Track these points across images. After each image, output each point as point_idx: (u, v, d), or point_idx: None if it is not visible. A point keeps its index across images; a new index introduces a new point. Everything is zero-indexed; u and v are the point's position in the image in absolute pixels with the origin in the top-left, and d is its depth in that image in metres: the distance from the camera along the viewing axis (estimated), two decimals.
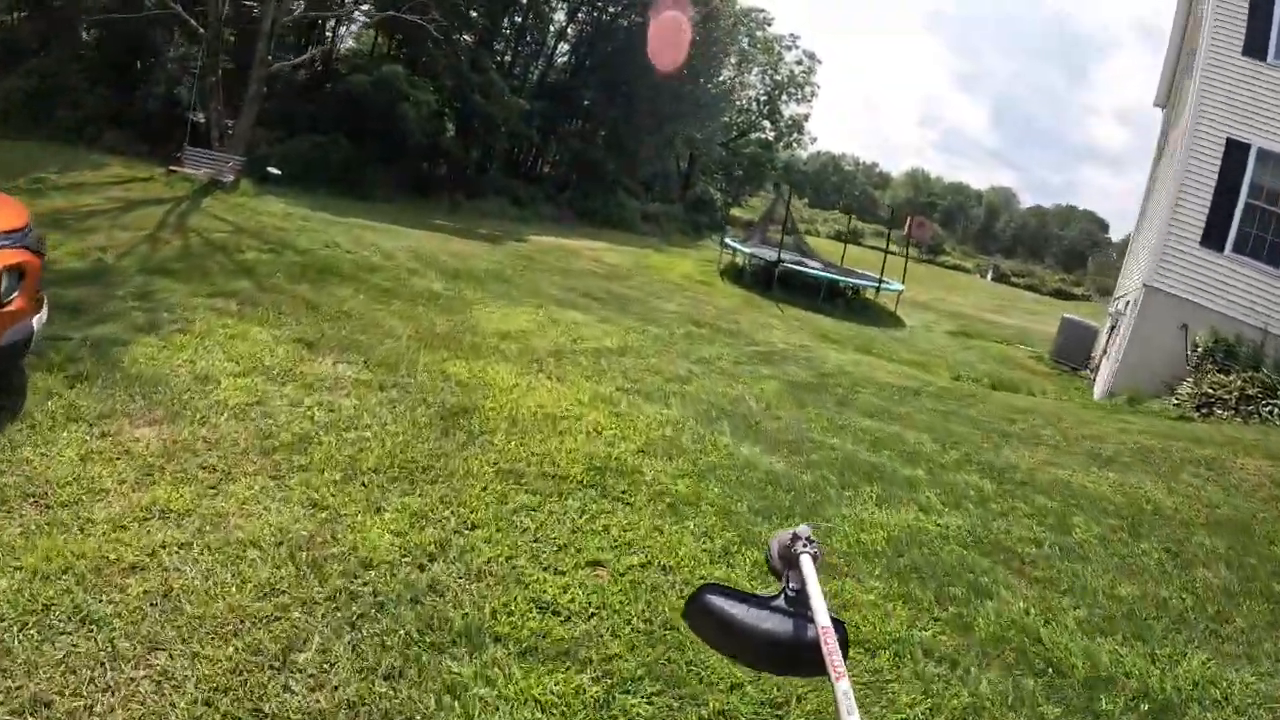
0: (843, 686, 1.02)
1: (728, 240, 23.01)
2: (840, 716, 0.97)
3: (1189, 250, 14.67)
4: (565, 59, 39.66)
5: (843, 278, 20.95)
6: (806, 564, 1.33)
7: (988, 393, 13.31)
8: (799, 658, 1.29)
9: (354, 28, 33.12)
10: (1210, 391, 12.57)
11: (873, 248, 59.77)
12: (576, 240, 24.21)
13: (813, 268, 20.64)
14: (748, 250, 21.23)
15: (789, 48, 53.02)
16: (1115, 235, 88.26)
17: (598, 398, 7.38)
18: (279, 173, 21.54)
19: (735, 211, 55.94)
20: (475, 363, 7.84)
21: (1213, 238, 14.54)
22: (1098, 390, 16.62)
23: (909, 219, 69.39)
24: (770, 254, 21.42)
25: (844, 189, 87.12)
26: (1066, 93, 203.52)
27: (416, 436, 5.61)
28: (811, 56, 53.64)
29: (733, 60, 49.01)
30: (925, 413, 9.89)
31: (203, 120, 22.33)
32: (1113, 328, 19.41)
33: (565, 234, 26.10)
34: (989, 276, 61.12)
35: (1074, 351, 21.23)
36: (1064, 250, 79.22)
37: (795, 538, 1.39)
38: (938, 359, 17.25)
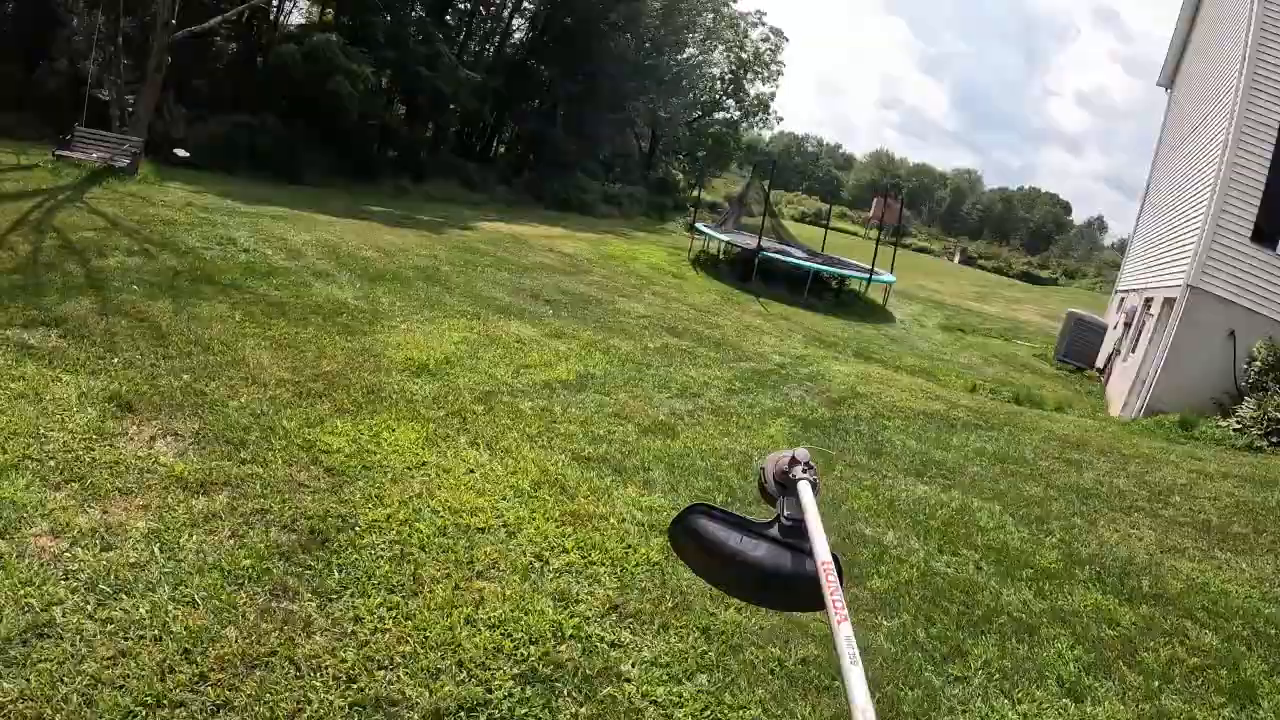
0: (844, 631, 0.85)
1: (700, 226, 20.46)
2: (841, 663, 0.81)
3: (1237, 247, 12.55)
4: (522, 34, 36.73)
5: (829, 268, 18.59)
6: (805, 491, 1.14)
7: (1017, 412, 11.15)
8: (794, 592, 1.13)
9: None
10: None
11: (836, 229, 57.94)
12: (531, 226, 21.56)
13: (796, 257, 18.28)
14: (723, 238, 18.76)
15: (755, 24, 50.45)
16: (1076, 218, 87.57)
17: (544, 480, 4.91)
18: (188, 155, 18.63)
19: (699, 194, 53.44)
20: (366, 422, 5.33)
21: (1265, 234, 12.49)
22: (1129, 404, 14.46)
23: (874, 200, 67.66)
24: (748, 241, 19.04)
25: (808, 170, 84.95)
26: (1026, 76, 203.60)
27: (224, 616, 3.09)
28: (778, 33, 51.02)
29: (698, 36, 46.31)
30: (974, 458, 7.66)
31: (108, 98, 19.27)
32: (1126, 325, 17.33)
33: (520, 219, 23.42)
34: (956, 259, 59.52)
35: (1080, 350, 19.16)
36: (1029, 232, 78.15)
37: (794, 461, 1.19)
38: (943, 364, 15.01)
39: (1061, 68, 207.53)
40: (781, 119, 53.41)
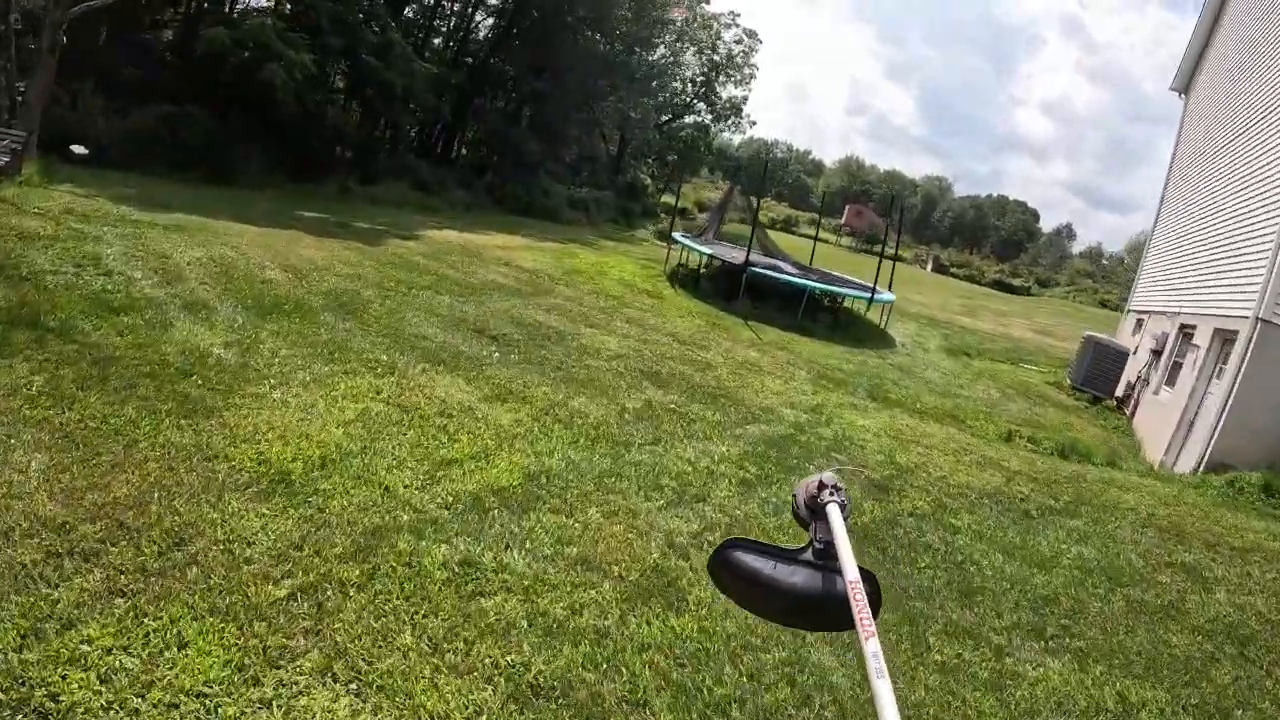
0: (871, 647, 0.91)
1: (678, 237, 17.98)
2: (870, 677, 0.86)
3: None
4: (488, 32, 34.05)
5: (827, 286, 16.27)
6: (834, 514, 1.19)
7: (1077, 475, 8.93)
8: (828, 613, 1.16)
9: None
10: None
11: (807, 236, 55.98)
12: (488, 234, 18.98)
13: (788, 274, 15.94)
14: (705, 250, 16.34)
15: (728, 25, 48.20)
16: (1044, 225, 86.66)
17: None
18: (85, 152, 15.87)
19: (667, 199, 51.14)
20: (135, 630, 2.83)
21: None
22: (1172, 447, 12.29)
23: (847, 207, 65.93)
24: (733, 255, 16.69)
25: (777, 176, 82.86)
26: (993, 84, 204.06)
27: None
28: (752, 35, 48.82)
29: (669, 37, 43.95)
30: (1084, 580, 5.50)
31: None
32: (1155, 353, 15.22)
33: (476, 226, 20.83)
34: (929, 267, 57.85)
35: (1098, 377, 17.04)
36: (1000, 240, 76.89)
37: (821, 486, 1.24)
38: (964, 403, 12.76)
39: (1028, 76, 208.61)
40: (755, 123, 50.86)
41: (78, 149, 15.90)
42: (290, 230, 13.58)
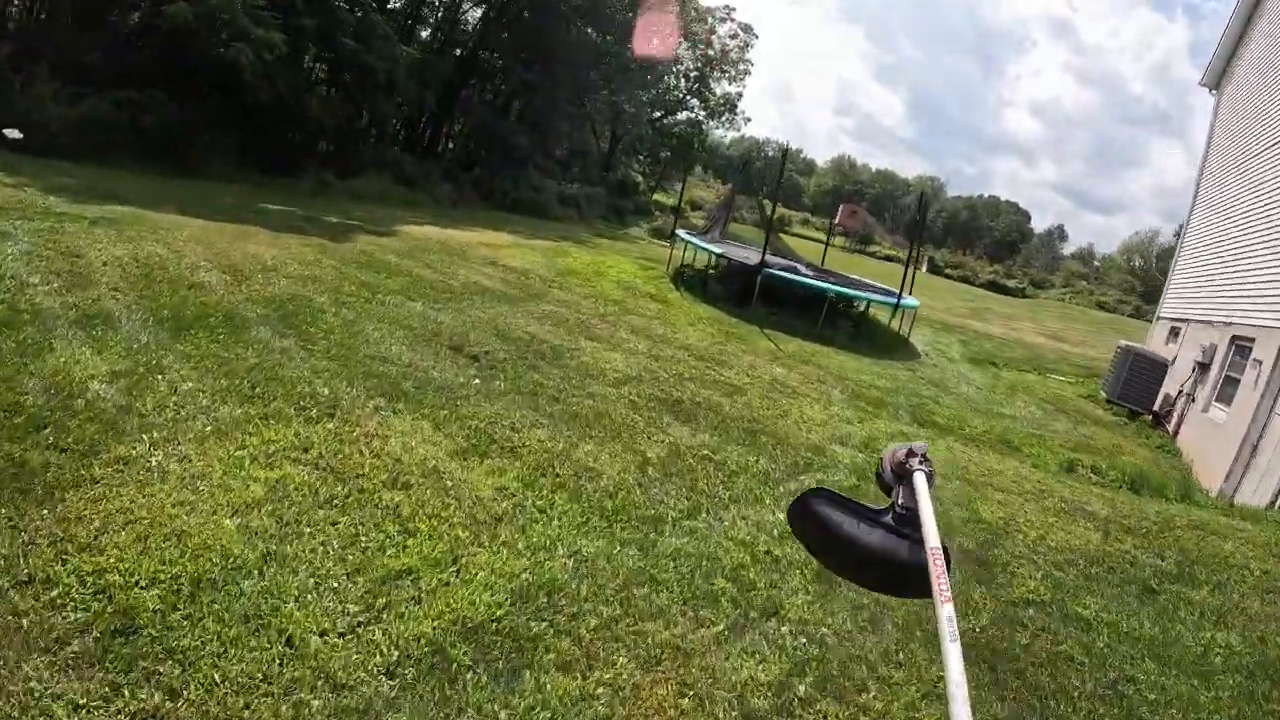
0: (947, 611, 0.93)
1: (683, 235, 16.20)
2: (943, 640, 0.89)
3: None
4: (476, 22, 32.12)
5: (850, 291, 14.59)
6: (920, 481, 1.18)
7: (1165, 521, 7.37)
8: (903, 577, 1.16)
9: None
10: None
11: (799, 235, 54.47)
12: (473, 231, 17.20)
13: (806, 276, 14.24)
14: (714, 249, 14.60)
15: (723, 20, 46.49)
16: (1034, 226, 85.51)
17: None
18: (20, 137, 14.08)
19: (659, 197, 49.37)
20: None
21: None
22: (1233, 473, 10.75)
23: (841, 207, 64.27)
24: (744, 255, 15.01)
25: (768, 175, 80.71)
26: (981, 85, 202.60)
27: None
28: (748, 30, 47.15)
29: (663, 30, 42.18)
30: (1244, 700, 3.78)
31: None
32: (1202, 366, 13.68)
33: (460, 222, 19.03)
34: (924, 268, 56.31)
35: (1136, 391, 15.49)
36: (994, 241, 75.54)
37: (911, 453, 1.23)
38: (1008, 422, 11.20)
39: (1016, 77, 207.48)
40: (749, 119, 49.26)
41: (11, 133, 14.08)
42: (245, 225, 11.79)
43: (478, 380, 6.37)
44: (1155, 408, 15.32)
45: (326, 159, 22.90)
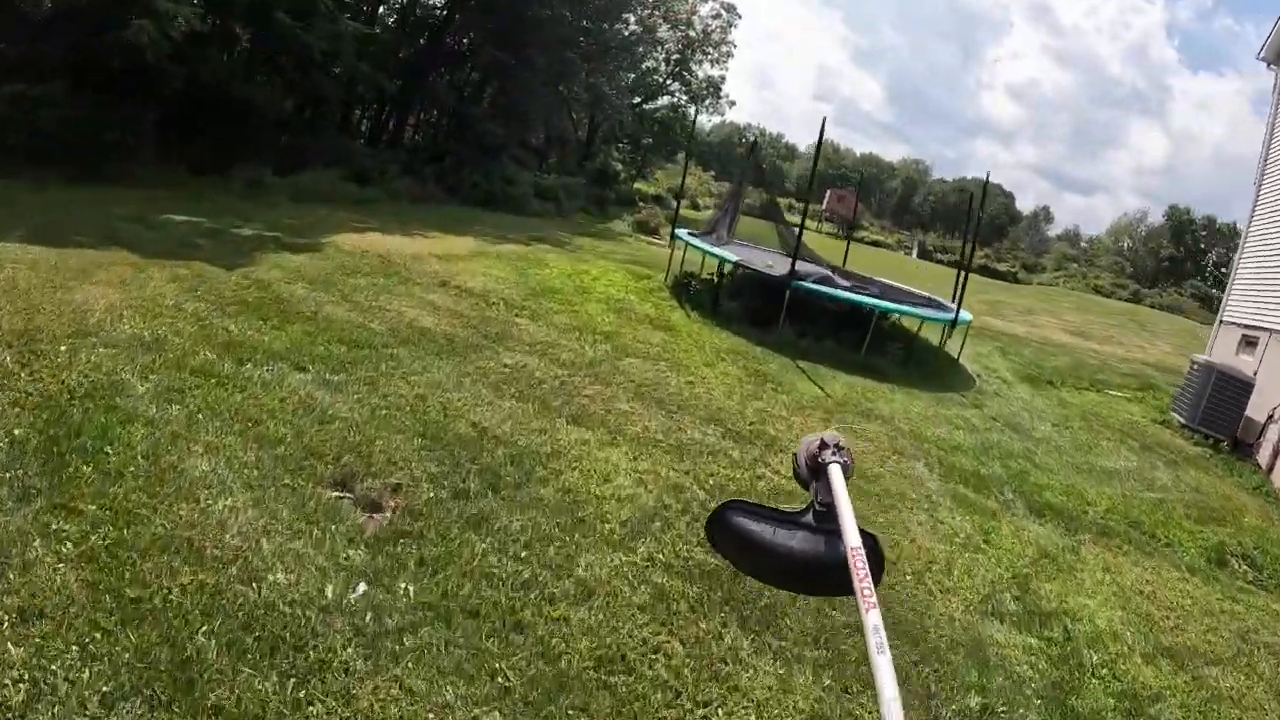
0: (872, 619, 0.83)
1: (687, 237, 12.71)
2: (870, 652, 0.80)
3: None
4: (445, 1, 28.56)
5: (901, 306, 11.38)
6: (835, 475, 1.11)
7: None
8: (829, 578, 1.08)
9: None
10: None
11: (766, 218, 50.82)
12: (428, 237, 13.83)
13: (844, 288, 11.02)
14: (729, 256, 11.17)
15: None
16: (1019, 208, 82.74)
17: None
18: None
19: (640, 185, 45.92)
20: None
21: None
22: None
23: (828, 192, 61.17)
24: (763, 261, 11.81)
25: (749, 160, 76.90)
26: (960, 69, 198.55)
27: None
28: (730, 9, 43.72)
29: (642, 11, 38.60)
30: None
31: None
32: None
33: (416, 224, 15.64)
34: (914, 253, 53.49)
35: (1219, 415, 12.46)
36: (982, 224, 72.55)
37: (824, 445, 1.16)
38: (1115, 486, 8.31)
39: (995, 60, 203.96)
40: (734, 103, 45.85)
41: None
42: (110, 250, 8.51)
43: (365, 588, 3.16)
44: (1237, 433, 12.41)
45: (265, 154, 19.40)
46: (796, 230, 12.06)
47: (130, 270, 7.68)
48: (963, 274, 16.55)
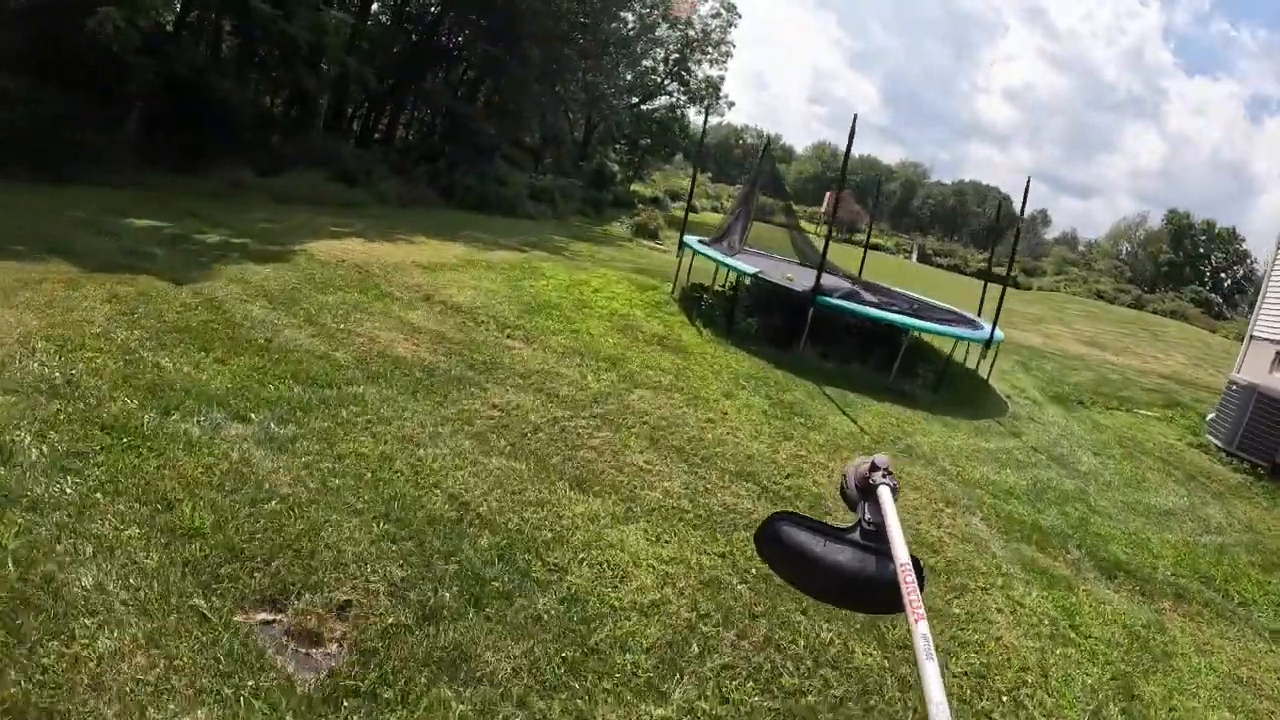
0: (921, 629, 0.89)
1: (698, 245, 11.44)
2: (918, 658, 0.85)
3: None
4: None
5: (932, 325, 10.28)
6: (885, 496, 1.15)
7: None
8: (874, 594, 1.12)
9: None
10: None
11: (781, 225, 49.74)
12: (413, 243, 12.73)
13: (871, 304, 9.92)
14: (750, 270, 10.01)
15: None
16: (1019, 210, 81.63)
17: None
18: None
19: (637, 187, 44.75)
20: None
21: None
22: None
23: (826, 195, 59.97)
24: (785, 273, 10.71)
25: (748, 163, 75.92)
26: (955, 72, 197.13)
27: None
28: (730, 9, 42.57)
29: (640, 8, 37.44)
30: None
31: None
32: None
33: (402, 229, 14.52)
34: (914, 257, 52.47)
35: (1261, 439, 11.50)
36: (982, 228, 71.49)
37: (874, 468, 1.20)
38: (1170, 525, 7.35)
39: (990, 63, 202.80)
40: (733, 104, 44.74)
41: None
42: (50, 263, 7.43)
43: None
44: (1277, 459, 11.46)
45: (247, 154, 18.24)
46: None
47: (63, 287, 6.57)
48: (985, 285, 15.55)
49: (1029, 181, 11.74)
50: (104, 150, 15.69)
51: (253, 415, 4.67)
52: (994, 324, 10.94)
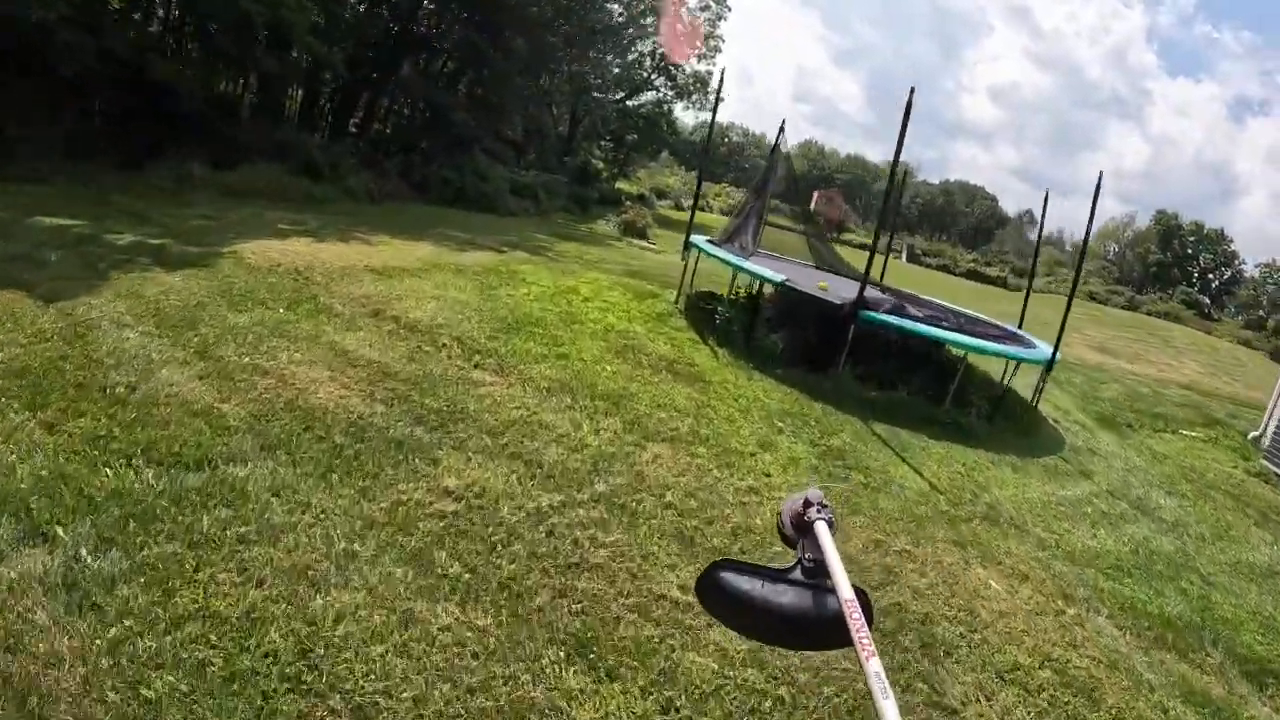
0: (874, 666, 0.83)
1: (711, 248, 9.41)
2: (874, 698, 0.80)
3: None
4: None
5: (993, 345, 8.48)
6: (822, 531, 1.10)
7: None
8: (821, 632, 1.09)
9: None
10: None
11: (774, 225, 48.01)
12: (373, 242, 10.81)
13: (919, 319, 8.09)
14: (776, 278, 8.06)
15: None
16: (1007, 210, 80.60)
17: None
18: None
19: (622, 184, 42.82)
20: None
21: None
22: None
23: (815, 194, 58.35)
24: (819, 281, 8.89)
25: (733, 161, 73.93)
26: (940, 70, 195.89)
27: None
28: (719, 1, 40.72)
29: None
30: None
31: None
32: None
33: (363, 226, 12.59)
34: (903, 257, 50.87)
35: None
36: (970, 228, 70.05)
37: (808, 504, 1.15)
38: (1266, 583, 5.58)
39: (975, 63, 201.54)
40: (724, 99, 42.85)
41: None
42: None
43: None
44: None
45: (198, 144, 16.20)
46: (873, 248, 9.19)
47: None
48: (1027, 295, 13.90)
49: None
50: (39, 142, 13.75)
51: (61, 530, 2.84)
52: (1057, 343, 9.21)
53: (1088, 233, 9.21)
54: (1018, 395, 10.06)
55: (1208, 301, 52.87)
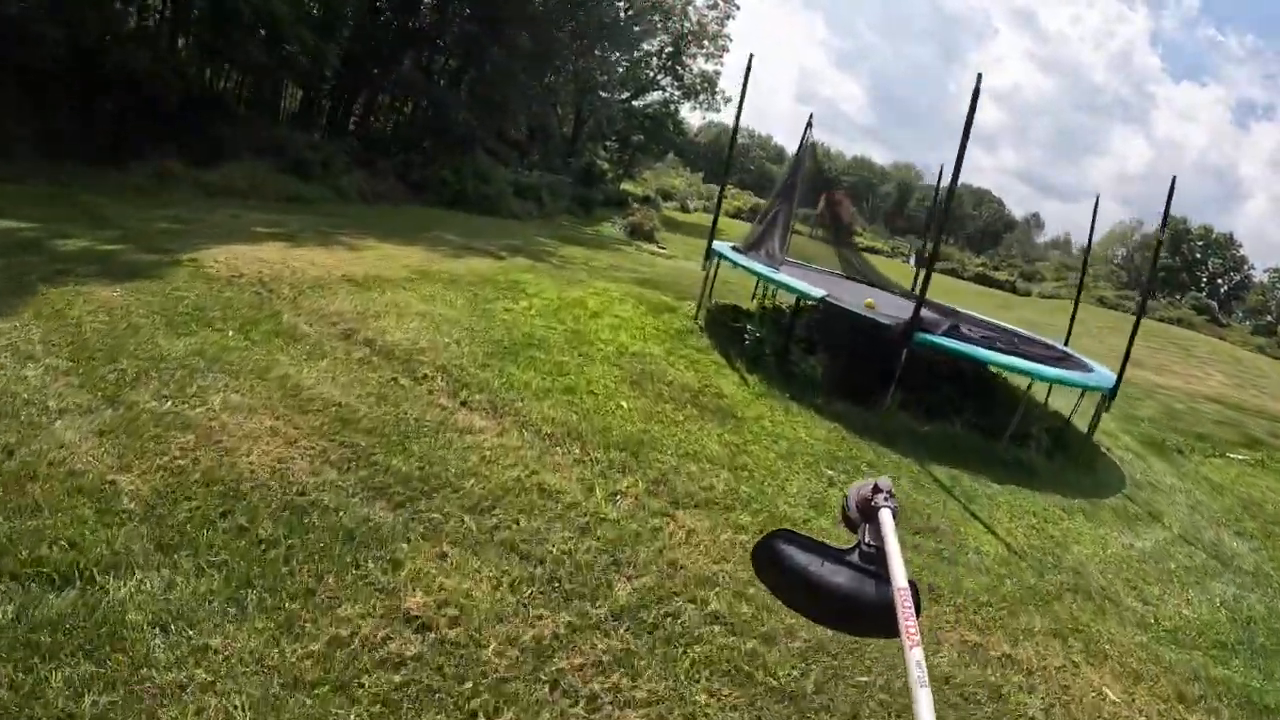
0: (915, 655, 0.84)
1: (739, 258, 8.31)
2: (911, 685, 0.81)
3: None
4: None
5: (1056, 372, 7.41)
6: (886, 518, 1.08)
7: None
8: (869, 617, 1.07)
9: None
10: None
11: (798, 233, 46.66)
12: (357, 246, 9.70)
13: (977, 341, 7.02)
14: (816, 293, 6.97)
15: None
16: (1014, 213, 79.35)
17: None
18: None
19: (627, 186, 41.69)
20: None
21: None
22: None
23: (823, 196, 57.09)
24: (866, 299, 7.82)
25: (739, 163, 72.34)
26: (943, 73, 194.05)
27: None
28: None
29: None
30: None
31: None
32: None
33: (354, 229, 11.52)
34: (911, 261, 49.83)
35: None
36: (978, 231, 68.83)
37: (876, 489, 1.13)
38: None
39: (978, 66, 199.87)
40: (729, 99, 41.89)
41: None
42: None
43: None
44: None
45: (178, 140, 15.13)
46: (932, 257, 8.16)
47: None
48: (1075, 308, 12.88)
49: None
50: (9, 139, 12.79)
51: None
52: (1122, 367, 8.14)
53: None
54: (1082, 433, 9.01)
55: (1217, 307, 51.72)
